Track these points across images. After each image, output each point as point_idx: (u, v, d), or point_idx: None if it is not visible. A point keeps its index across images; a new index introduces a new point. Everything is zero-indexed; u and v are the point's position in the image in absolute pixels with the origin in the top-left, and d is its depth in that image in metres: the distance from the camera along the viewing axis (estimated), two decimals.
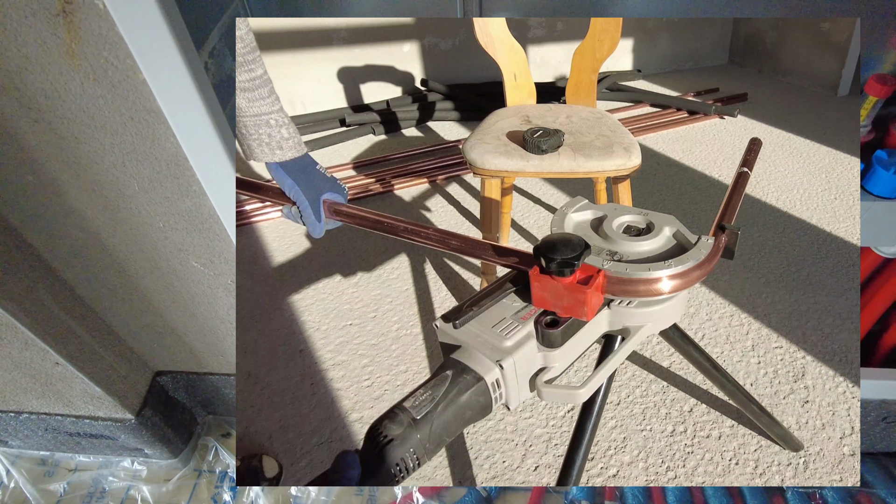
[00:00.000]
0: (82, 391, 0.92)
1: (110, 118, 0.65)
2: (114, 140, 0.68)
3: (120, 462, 1.11)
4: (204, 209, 0.78)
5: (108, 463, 1.12)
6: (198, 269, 0.87)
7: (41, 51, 0.59)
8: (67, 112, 0.65)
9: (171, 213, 0.79)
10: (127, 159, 0.70)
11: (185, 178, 0.75)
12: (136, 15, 0.58)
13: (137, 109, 0.66)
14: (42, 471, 1.12)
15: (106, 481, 1.10)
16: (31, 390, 0.94)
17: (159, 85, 0.64)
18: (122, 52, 0.61)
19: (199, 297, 0.93)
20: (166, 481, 1.10)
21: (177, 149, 0.71)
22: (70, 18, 0.56)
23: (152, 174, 0.74)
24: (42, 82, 0.62)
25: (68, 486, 1.10)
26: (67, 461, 1.13)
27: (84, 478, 1.11)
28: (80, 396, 0.94)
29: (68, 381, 0.90)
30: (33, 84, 0.62)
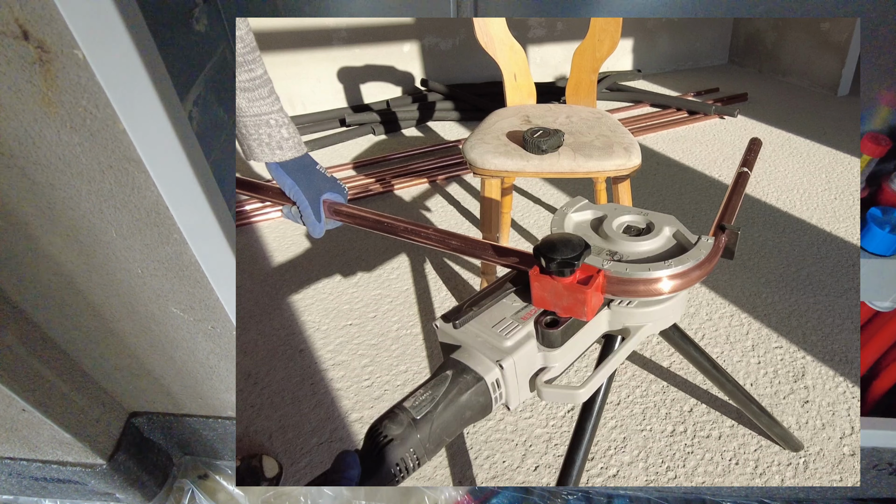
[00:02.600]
0: (50, 437, 0.89)
1: (88, 166, 0.64)
2: (91, 187, 0.66)
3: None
4: (185, 256, 0.77)
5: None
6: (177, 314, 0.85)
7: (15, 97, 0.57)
8: (42, 158, 0.63)
9: (150, 259, 0.77)
10: (105, 206, 0.69)
11: (166, 225, 0.73)
12: (118, 65, 0.56)
13: (117, 158, 0.65)
14: None
15: None
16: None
17: (140, 135, 0.63)
18: (101, 101, 0.60)
19: (178, 342, 0.91)
20: None
21: (157, 197, 0.69)
22: (47, 67, 0.55)
23: (131, 221, 0.72)
24: (16, 128, 0.60)
25: None
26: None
27: None
28: (48, 442, 0.90)
29: (35, 428, 0.87)
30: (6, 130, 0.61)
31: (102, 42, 0.55)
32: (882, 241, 0.80)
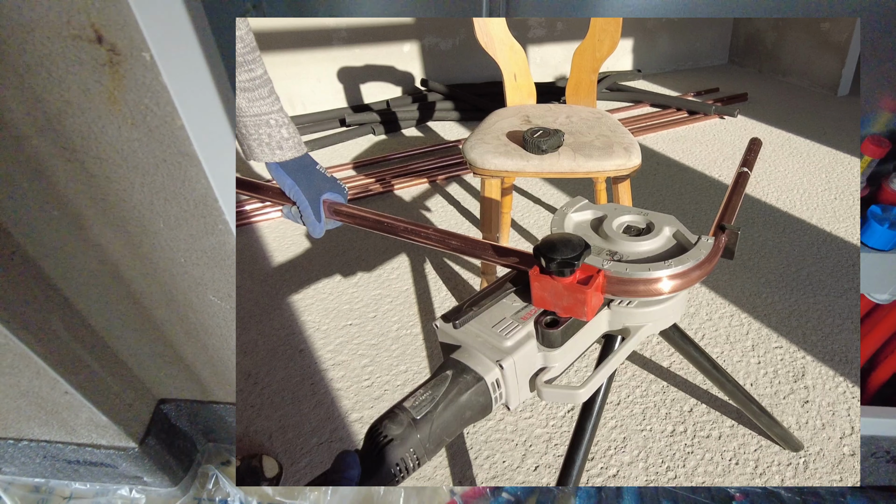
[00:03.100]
0: (88, 419, 0.92)
1: (143, 160, 0.67)
2: (144, 180, 0.69)
3: (118, 490, 1.10)
4: (227, 246, 0.79)
5: (105, 491, 1.10)
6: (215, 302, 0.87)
7: (83, 96, 0.61)
8: (101, 153, 0.66)
9: (193, 249, 0.79)
10: (155, 198, 0.72)
11: (212, 216, 0.76)
12: (182, 66, 0.60)
13: (171, 152, 0.67)
14: (36, 498, 1.10)
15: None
16: (34, 418, 0.94)
17: (197, 130, 0.65)
18: (162, 99, 0.62)
19: (212, 329, 0.93)
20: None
21: (207, 189, 0.71)
22: (116, 68, 0.58)
23: (179, 212, 0.75)
24: (80, 125, 0.64)
25: None
26: (62, 489, 1.12)
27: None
28: (85, 425, 0.94)
29: (75, 410, 0.90)
30: (71, 126, 0.64)
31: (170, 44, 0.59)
32: (881, 236, 0.85)
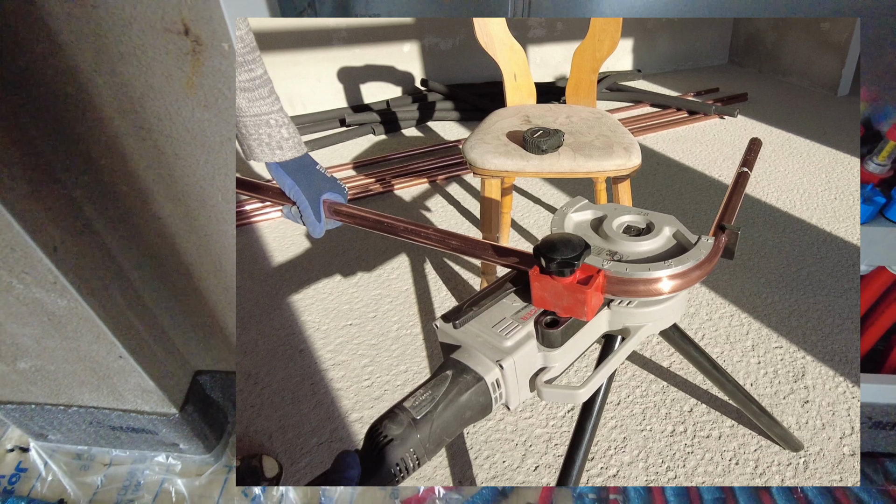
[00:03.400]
0: (136, 385, 0.97)
1: (210, 138, 0.72)
2: (209, 157, 0.74)
3: (154, 457, 1.16)
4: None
5: (143, 458, 1.16)
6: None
7: (165, 82, 0.67)
8: (174, 132, 0.72)
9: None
10: (217, 174, 0.76)
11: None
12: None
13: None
14: (78, 465, 1.17)
15: (141, 475, 1.14)
16: (86, 383, 0.98)
17: None
18: (234, 84, 0.68)
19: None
20: (199, 476, 1.14)
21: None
22: (197, 57, 0.64)
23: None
24: (158, 107, 0.69)
25: (104, 478, 1.14)
26: (103, 456, 1.17)
27: (119, 471, 1.15)
28: (133, 390, 0.98)
29: (125, 375, 0.95)
30: (151, 108, 0.69)
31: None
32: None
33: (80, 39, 0.63)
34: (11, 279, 0.78)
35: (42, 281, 0.78)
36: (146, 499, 1.11)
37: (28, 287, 0.79)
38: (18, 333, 0.88)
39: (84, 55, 0.64)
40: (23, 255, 0.74)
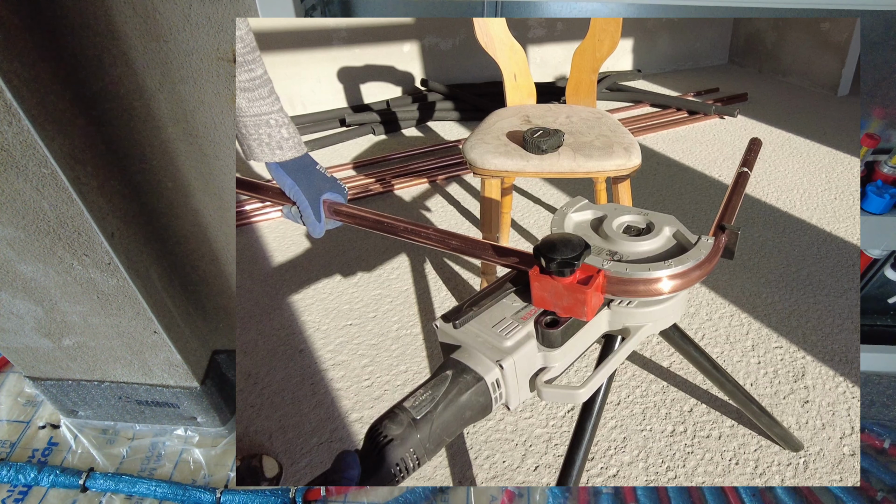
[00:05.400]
0: (165, 359, 1.08)
1: None
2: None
3: (174, 430, 1.29)
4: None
5: (164, 431, 1.29)
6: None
7: (214, 98, 0.80)
8: (217, 138, 0.84)
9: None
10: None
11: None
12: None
13: None
14: (104, 439, 1.30)
15: (163, 447, 1.28)
16: (120, 359, 1.10)
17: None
18: None
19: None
20: (214, 447, 1.27)
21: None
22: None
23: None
24: (206, 118, 0.82)
25: (129, 449, 1.28)
26: (127, 431, 1.30)
27: (143, 444, 1.28)
28: (161, 364, 1.09)
29: (157, 350, 1.06)
30: (200, 119, 0.82)
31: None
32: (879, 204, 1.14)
33: (150, 65, 0.77)
34: (73, 261, 0.90)
35: (99, 262, 0.90)
36: (167, 467, 1.25)
37: (86, 268, 0.91)
38: (69, 311, 0.99)
39: (152, 78, 0.78)
40: (87, 240, 0.86)
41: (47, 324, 1.02)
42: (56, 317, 1.00)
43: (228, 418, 1.26)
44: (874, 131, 1.13)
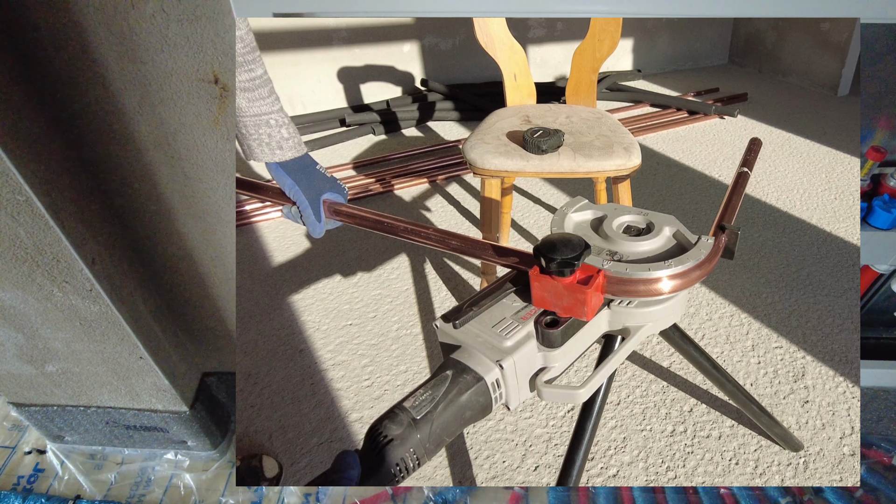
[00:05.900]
0: (152, 384, 1.05)
1: (228, 165, 0.83)
2: (227, 181, 0.84)
3: (164, 454, 1.25)
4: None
5: (153, 455, 1.25)
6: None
7: (195, 120, 0.78)
8: (199, 160, 0.83)
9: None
10: (233, 195, 0.87)
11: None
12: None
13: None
14: (92, 464, 1.25)
15: (152, 472, 1.23)
16: (107, 384, 1.06)
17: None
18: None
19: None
20: (205, 471, 1.22)
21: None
22: (223, 101, 0.75)
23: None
24: (188, 140, 0.80)
25: (118, 475, 1.23)
26: (115, 455, 1.26)
27: (131, 469, 1.23)
28: (149, 389, 1.07)
29: (143, 375, 1.03)
30: (182, 141, 0.81)
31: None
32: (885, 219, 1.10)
33: (129, 87, 0.75)
34: (53, 288, 0.87)
35: (80, 289, 0.87)
36: (157, 493, 1.19)
37: (66, 295, 0.88)
38: (51, 338, 0.96)
39: (131, 99, 0.76)
40: (66, 267, 0.83)
41: (29, 350, 0.99)
42: (38, 343, 0.98)
43: (219, 442, 1.23)
44: (879, 143, 1.10)
